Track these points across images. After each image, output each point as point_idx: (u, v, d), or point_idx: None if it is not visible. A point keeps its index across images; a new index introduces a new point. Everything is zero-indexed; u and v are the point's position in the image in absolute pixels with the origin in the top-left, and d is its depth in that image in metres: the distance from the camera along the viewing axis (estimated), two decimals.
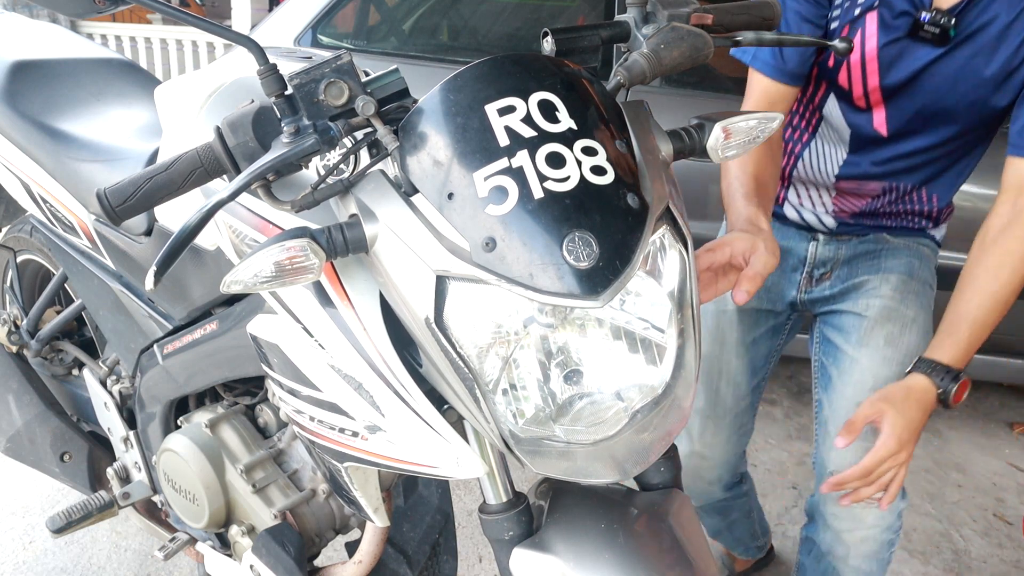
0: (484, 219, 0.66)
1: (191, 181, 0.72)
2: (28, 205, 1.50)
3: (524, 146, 0.67)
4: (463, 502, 2.11)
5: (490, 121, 0.68)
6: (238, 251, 0.92)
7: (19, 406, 1.61)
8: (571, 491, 0.88)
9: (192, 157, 0.72)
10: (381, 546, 1.14)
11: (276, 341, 0.89)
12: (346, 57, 0.69)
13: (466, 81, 0.71)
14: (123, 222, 0.70)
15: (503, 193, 0.66)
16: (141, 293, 1.31)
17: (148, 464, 1.41)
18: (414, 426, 0.81)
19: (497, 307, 0.68)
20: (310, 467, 1.20)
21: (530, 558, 0.82)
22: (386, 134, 0.71)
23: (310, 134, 0.68)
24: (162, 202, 0.72)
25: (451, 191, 0.67)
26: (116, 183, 0.71)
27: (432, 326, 0.68)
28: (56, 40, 1.61)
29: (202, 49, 4.99)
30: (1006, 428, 2.81)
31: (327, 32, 2.61)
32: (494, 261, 0.65)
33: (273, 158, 0.67)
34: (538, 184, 0.66)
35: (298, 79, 0.68)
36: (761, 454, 2.51)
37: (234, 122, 0.72)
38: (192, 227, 0.66)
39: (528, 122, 0.68)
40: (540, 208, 0.65)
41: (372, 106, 0.69)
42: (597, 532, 0.81)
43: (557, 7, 2.97)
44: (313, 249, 0.68)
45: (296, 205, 0.72)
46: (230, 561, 1.26)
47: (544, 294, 0.65)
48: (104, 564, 1.83)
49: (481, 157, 0.67)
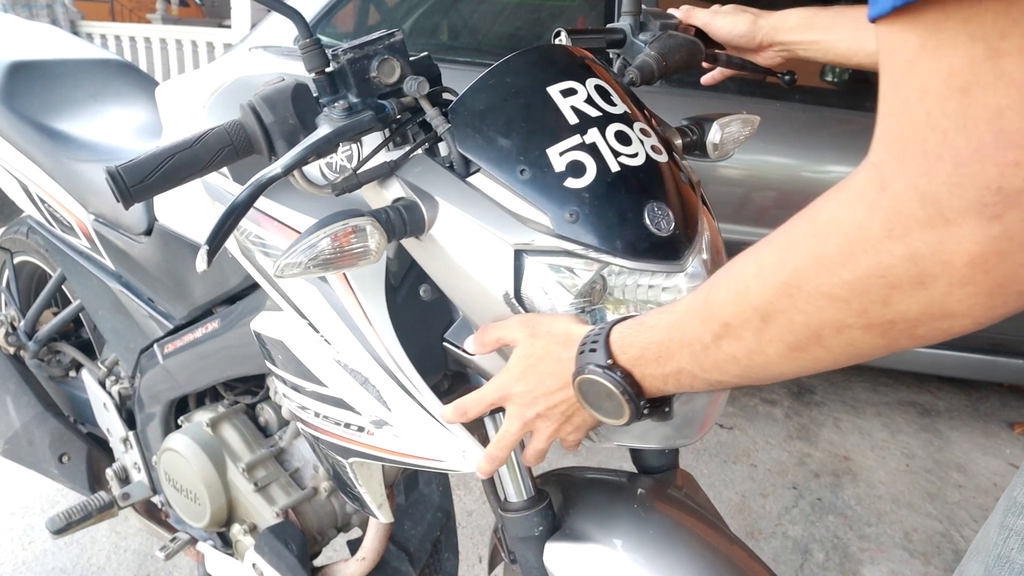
0: (564, 192, 0.68)
1: (219, 160, 0.67)
2: (26, 206, 1.50)
3: (593, 124, 0.70)
4: (463, 502, 2.10)
5: (555, 102, 0.71)
6: (242, 248, 0.92)
7: (17, 408, 1.60)
8: (579, 483, 0.88)
9: (221, 134, 0.67)
10: (384, 543, 1.13)
11: (281, 337, 0.89)
12: (399, 35, 0.70)
13: (521, 65, 0.73)
14: (134, 204, 0.65)
15: (580, 167, 0.68)
16: (141, 293, 1.30)
17: (148, 464, 1.40)
18: (420, 420, 0.81)
19: (576, 278, 0.69)
20: (312, 465, 1.20)
21: (568, 550, 0.81)
22: (436, 115, 0.71)
23: (364, 110, 0.67)
24: (183, 182, 0.67)
25: (523, 167, 0.68)
26: (130, 160, 0.64)
27: (512, 301, 0.69)
28: (54, 41, 1.61)
29: (202, 49, 4.98)
30: (1006, 428, 2.81)
31: (327, 32, 2.61)
32: (579, 232, 0.67)
33: (332, 131, 0.65)
34: (612, 159, 0.69)
35: (351, 54, 0.67)
36: (761, 454, 2.51)
37: (270, 98, 0.68)
38: (242, 203, 0.64)
39: (591, 103, 0.72)
40: (619, 181, 0.69)
41: (425, 86, 0.69)
42: (629, 513, 0.81)
43: (557, 7, 2.97)
44: (375, 229, 0.66)
45: (338, 187, 0.70)
46: (232, 560, 1.26)
47: (632, 260, 0.67)
48: (104, 564, 1.82)
49: (552, 134, 0.69)
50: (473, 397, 0.73)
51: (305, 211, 0.85)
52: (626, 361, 0.60)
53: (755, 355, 0.51)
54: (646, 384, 0.60)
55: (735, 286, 0.51)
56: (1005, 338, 2.46)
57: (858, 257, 0.42)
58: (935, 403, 2.97)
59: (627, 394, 0.59)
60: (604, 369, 0.59)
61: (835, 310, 0.45)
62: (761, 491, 2.31)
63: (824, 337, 0.46)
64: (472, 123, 0.70)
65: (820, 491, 2.34)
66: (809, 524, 2.18)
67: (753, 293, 0.49)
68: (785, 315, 0.48)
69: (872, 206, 0.41)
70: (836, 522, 2.20)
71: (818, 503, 2.28)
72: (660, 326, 0.58)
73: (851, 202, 0.43)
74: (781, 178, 2.38)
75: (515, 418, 0.70)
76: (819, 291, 0.45)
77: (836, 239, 0.43)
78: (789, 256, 0.47)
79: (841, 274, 0.43)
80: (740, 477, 2.37)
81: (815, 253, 0.45)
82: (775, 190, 2.38)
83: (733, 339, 0.52)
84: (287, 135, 0.68)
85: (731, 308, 0.52)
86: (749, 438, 2.60)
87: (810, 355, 0.48)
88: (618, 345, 0.60)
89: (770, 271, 0.48)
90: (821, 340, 0.47)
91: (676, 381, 0.58)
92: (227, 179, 0.92)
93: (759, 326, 0.50)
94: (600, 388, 0.60)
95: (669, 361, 0.57)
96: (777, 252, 0.48)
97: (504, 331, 0.70)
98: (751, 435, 2.62)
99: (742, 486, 2.33)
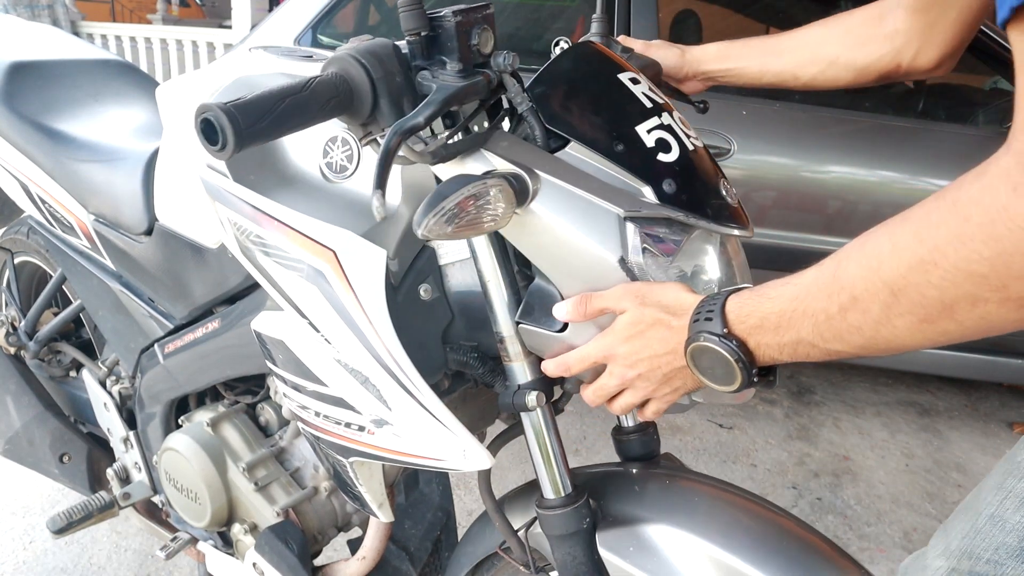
0: (659, 165, 0.72)
1: (327, 110, 0.64)
2: (26, 206, 1.50)
3: (663, 108, 0.77)
4: (463, 502, 2.10)
5: (628, 87, 0.76)
6: (242, 248, 0.92)
7: (17, 408, 1.60)
8: (588, 478, 0.90)
9: (330, 81, 0.64)
10: (384, 542, 1.14)
11: (281, 337, 0.89)
12: (492, 7, 0.71)
13: (587, 55, 0.78)
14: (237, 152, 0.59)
15: (666, 144, 0.73)
16: (141, 293, 1.30)
17: (148, 464, 1.40)
18: (421, 419, 0.81)
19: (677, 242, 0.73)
20: (312, 465, 1.20)
21: (624, 535, 0.82)
22: (519, 92, 0.72)
23: (475, 75, 0.68)
24: (292, 131, 0.63)
25: (618, 142, 0.72)
26: (235, 100, 0.59)
27: (627, 266, 0.71)
28: (54, 41, 1.61)
29: (202, 49, 4.99)
30: (1006, 428, 2.82)
31: (327, 32, 2.62)
32: (679, 200, 0.71)
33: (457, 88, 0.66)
34: (685, 138, 0.75)
35: (460, 17, 0.67)
36: (761, 454, 2.51)
37: (376, 53, 0.66)
38: (393, 147, 0.62)
39: (652, 92, 0.77)
40: (697, 157, 0.75)
41: (517, 61, 0.71)
42: (664, 491, 0.84)
43: (557, 7, 2.97)
44: (504, 193, 0.67)
45: (436, 155, 0.70)
46: (232, 560, 1.26)
47: (723, 226, 0.73)
48: (104, 564, 1.82)
49: (637, 114, 0.74)
50: (576, 354, 0.75)
51: (305, 211, 0.85)
52: (742, 330, 0.63)
53: (881, 326, 0.55)
54: (760, 353, 0.63)
55: (867, 261, 0.55)
56: (1005, 338, 2.46)
57: (1001, 235, 0.45)
58: (935, 403, 2.97)
59: (741, 362, 0.63)
60: (720, 338, 0.63)
61: (972, 284, 0.48)
62: (761, 491, 2.31)
63: (957, 310, 0.50)
64: (557, 101, 0.73)
65: (820, 491, 2.34)
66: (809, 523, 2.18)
67: (886, 268, 0.53)
68: (917, 289, 0.51)
69: (1016, 187, 0.45)
70: (836, 522, 2.20)
71: (818, 503, 2.28)
72: (783, 297, 0.61)
73: (994, 185, 0.46)
74: (781, 178, 2.38)
75: (615, 375, 0.73)
76: (956, 267, 0.48)
77: (979, 218, 0.46)
78: (927, 234, 0.50)
79: (981, 251, 0.46)
80: (740, 477, 2.37)
81: (956, 231, 0.48)
82: (775, 190, 2.38)
83: (859, 311, 0.55)
84: (393, 93, 0.66)
85: (861, 282, 0.55)
86: (749, 438, 2.60)
87: (939, 327, 0.52)
88: (735, 315, 0.63)
89: (906, 248, 0.51)
90: (953, 313, 0.50)
91: (792, 350, 0.62)
92: (227, 178, 0.92)
93: (888, 299, 0.53)
94: (715, 355, 0.64)
95: (789, 331, 0.61)
96: (914, 230, 0.51)
97: (609, 301, 0.71)
98: (751, 435, 2.62)
99: (742, 486, 2.32)
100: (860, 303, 0.55)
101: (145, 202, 1.20)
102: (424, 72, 0.69)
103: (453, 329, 0.90)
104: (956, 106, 2.76)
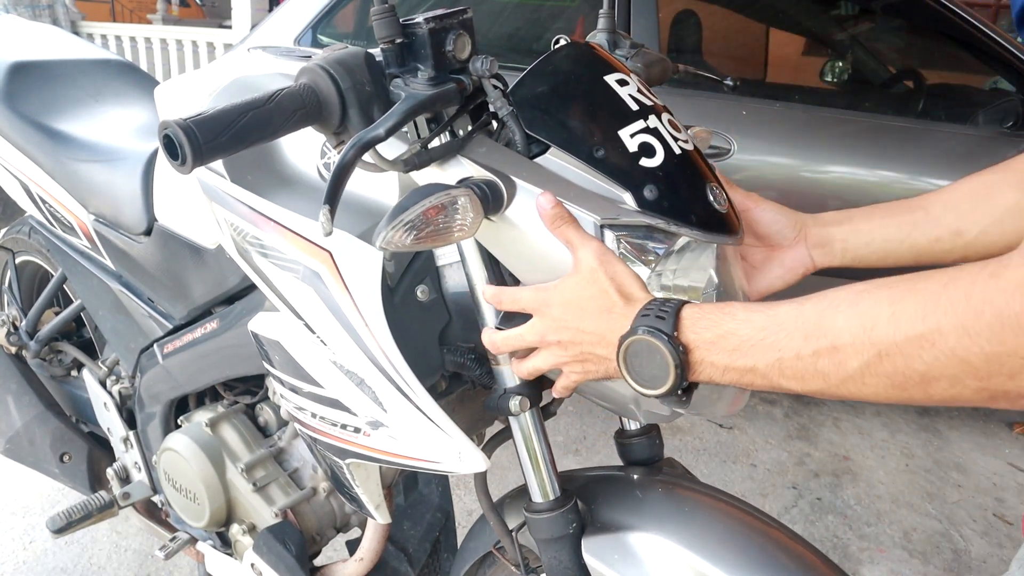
0: (640, 170, 0.70)
1: (291, 123, 0.64)
2: (27, 206, 1.50)
3: (650, 111, 0.74)
4: (463, 502, 2.11)
5: (615, 89, 0.74)
6: (239, 249, 0.92)
7: (18, 407, 1.60)
8: (586, 481, 0.89)
9: (294, 95, 0.64)
10: (382, 543, 1.14)
11: (277, 338, 0.89)
12: (469, 12, 0.70)
13: (574, 56, 0.76)
14: (198, 166, 0.59)
15: (650, 149, 0.71)
16: (141, 293, 1.31)
17: (148, 464, 1.41)
18: (416, 421, 0.81)
19: (655, 250, 0.71)
20: (311, 465, 1.20)
21: (608, 542, 0.81)
22: (499, 97, 0.71)
23: (446, 82, 0.67)
24: (252, 145, 0.63)
25: (598, 147, 0.71)
26: (195, 115, 0.59)
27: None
28: (54, 41, 1.62)
29: (202, 49, 4.99)
30: (1006, 428, 2.81)
31: (327, 32, 2.62)
32: (660, 207, 0.69)
33: (425, 97, 0.65)
34: (673, 142, 0.73)
35: (433, 23, 0.67)
36: (761, 454, 2.51)
37: (345, 62, 0.65)
38: (349, 162, 0.61)
39: (641, 93, 0.75)
40: (684, 161, 0.73)
41: (495, 66, 0.70)
42: (658, 499, 0.83)
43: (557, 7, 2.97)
44: (471, 203, 0.65)
45: (409, 164, 0.70)
46: (231, 560, 1.26)
47: (705, 233, 0.70)
48: (104, 564, 1.83)
49: (620, 117, 0.72)
50: (511, 292, 0.73)
51: (302, 212, 0.85)
52: (691, 340, 0.61)
53: (851, 381, 0.55)
54: (699, 369, 0.61)
55: (860, 319, 0.54)
56: None
57: (1006, 338, 0.47)
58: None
59: (679, 368, 0.60)
60: (668, 338, 0.60)
61: (960, 370, 0.49)
62: (761, 491, 2.31)
63: (933, 386, 0.51)
64: (538, 106, 0.72)
65: (820, 491, 2.34)
66: (809, 524, 2.18)
67: (880, 332, 0.52)
68: (905, 360, 0.51)
69: None
70: (836, 522, 2.20)
71: (818, 503, 2.28)
72: (751, 323, 0.59)
73: (1009, 290, 0.47)
74: (781, 178, 2.38)
75: (536, 332, 0.71)
76: (953, 352, 0.49)
77: (989, 318, 0.48)
78: (933, 316, 0.50)
79: (983, 346, 0.48)
80: (740, 477, 2.37)
81: (963, 323, 0.49)
82: (775, 190, 2.38)
83: (835, 362, 0.55)
84: (363, 103, 0.66)
85: (847, 335, 0.54)
86: (749, 438, 2.60)
87: (906, 394, 0.53)
88: (688, 322, 0.61)
89: (907, 320, 0.51)
90: (928, 386, 0.51)
91: (737, 376, 0.60)
92: (224, 179, 0.92)
93: (872, 360, 0.53)
94: (655, 354, 0.61)
95: (746, 357, 0.59)
96: (920, 306, 0.51)
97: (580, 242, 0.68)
98: (751, 435, 2.62)
99: (742, 486, 2.33)
100: (839, 354, 0.54)
101: (144, 202, 1.20)
102: (397, 80, 0.68)
103: (450, 330, 0.90)
104: (956, 106, 2.76)
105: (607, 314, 0.66)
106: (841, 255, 0.84)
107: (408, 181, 0.84)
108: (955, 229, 0.79)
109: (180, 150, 0.58)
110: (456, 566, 1.06)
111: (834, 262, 0.84)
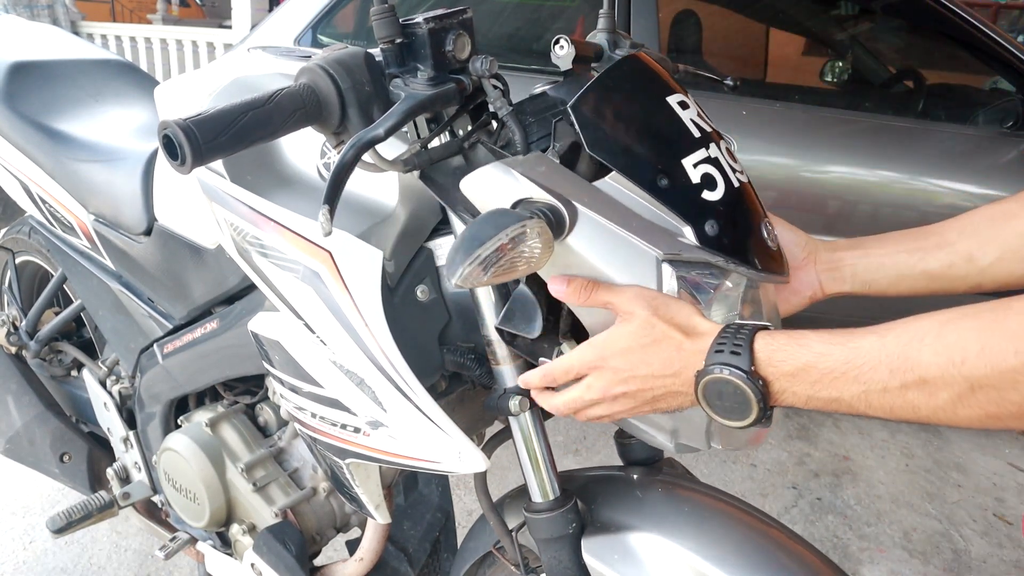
0: (702, 204, 0.68)
1: (291, 123, 0.63)
2: (27, 206, 1.50)
3: (710, 139, 0.72)
4: (463, 502, 2.11)
5: (677, 112, 0.71)
6: (239, 249, 0.92)
7: (18, 407, 1.61)
8: (586, 481, 0.89)
9: (293, 95, 0.63)
10: (382, 543, 1.14)
11: (277, 338, 0.89)
12: (469, 12, 0.69)
13: (636, 72, 0.73)
14: (198, 166, 0.58)
15: (712, 181, 0.69)
16: (141, 293, 1.31)
17: (148, 464, 1.41)
18: (416, 421, 0.81)
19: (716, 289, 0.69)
20: (311, 465, 1.20)
21: (608, 542, 0.81)
22: (499, 97, 0.70)
23: (446, 82, 0.66)
24: (253, 144, 0.62)
25: (662, 176, 0.68)
26: (195, 115, 0.58)
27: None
28: (54, 41, 1.62)
29: (202, 49, 4.99)
30: None
31: (327, 32, 2.62)
32: (721, 244, 0.67)
33: (424, 97, 0.64)
34: (732, 173, 0.71)
35: (433, 24, 0.66)
36: (761, 454, 2.51)
37: (344, 62, 0.64)
38: (348, 163, 0.61)
39: (701, 118, 0.72)
40: (742, 195, 0.71)
41: (495, 66, 0.69)
42: (658, 499, 0.83)
43: (557, 7, 2.97)
44: (542, 234, 0.61)
45: (409, 164, 0.69)
46: (231, 560, 1.26)
47: (763, 274, 0.69)
48: (104, 564, 1.83)
49: (683, 145, 0.70)
50: (561, 364, 0.70)
51: (302, 212, 0.85)
52: (770, 373, 0.61)
53: (942, 411, 0.55)
54: (781, 398, 0.61)
55: (948, 353, 0.54)
56: None
57: None
58: None
59: (762, 402, 0.60)
60: (747, 375, 0.60)
61: None
62: (761, 491, 2.31)
63: None
64: (600, 126, 0.68)
65: (820, 491, 2.34)
66: (809, 524, 2.18)
67: (971, 366, 0.53)
68: (999, 392, 0.52)
69: None
70: (836, 522, 2.20)
71: (818, 503, 2.28)
72: (832, 356, 0.59)
73: None
74: (781, 178, 2.38)
75: (596, 389, 0.68)
76: None
77: None
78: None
79: None
80: (740, 477, 2.37)
81: None
82: (775, 190, 2.38)
83: (925, 394, 0.55)
84: (362, 103, 0.65)
85: (936, 369, 0.54)
86: None
87: (1000, 422, 0.54)
88: (764, 355, 0.61)
89: (998, 355, 0.52)
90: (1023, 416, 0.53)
91: (822, 405, 0.60)
92: (224, 179, 0.92)
93: (964, 392, 0.54)
94: (734, 391, 0.61)
95: (830, 388, 0.59)
96: (1011, 339, 0.52)
97: (618, 298, 0.66)
98: None
99: (742, 486, 2.33)
100: (929, 387, 0.55)
101: (144, 202, 1.20)
102: (397, 80, 0.67)
103: (450, 330, 0.90)
104: (956, 106, 2.76)
105: (677, 352, 0.65)
106: (851, 280, 0.83)
107: (408, 181, 0.84)
108: (969, 255, 0.78)
109: (180, 150, 0.58)
110: (456, 566, 1.06)
111: (843, 288, 0.84)
